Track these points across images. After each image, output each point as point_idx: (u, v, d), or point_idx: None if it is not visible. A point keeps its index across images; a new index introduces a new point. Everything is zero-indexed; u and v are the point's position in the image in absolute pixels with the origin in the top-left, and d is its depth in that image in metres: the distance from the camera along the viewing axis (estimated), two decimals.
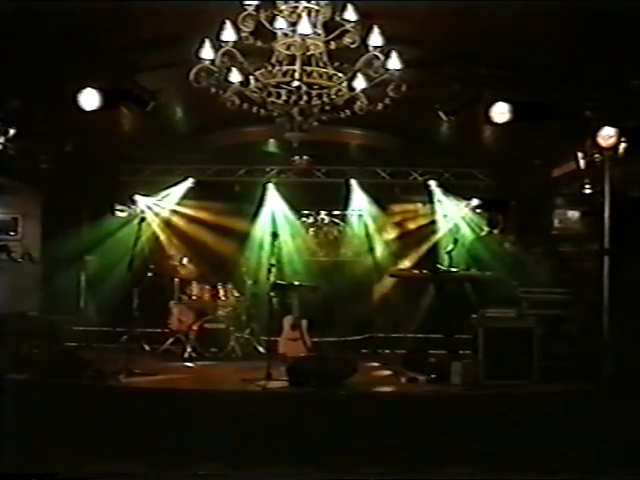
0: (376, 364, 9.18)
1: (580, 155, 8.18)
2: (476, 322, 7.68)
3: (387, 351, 10.42)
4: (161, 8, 6.08)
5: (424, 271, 8.96)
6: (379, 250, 11.50)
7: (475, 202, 11.37)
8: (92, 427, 6.43)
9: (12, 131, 7.71)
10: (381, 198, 11.56)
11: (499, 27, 6.28)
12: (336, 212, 11.85)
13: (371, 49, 5.36)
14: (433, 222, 11.56)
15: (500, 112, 7.37)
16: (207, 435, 6.29)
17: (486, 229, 9.49)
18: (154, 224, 11.59)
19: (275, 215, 11.55)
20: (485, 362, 7.41)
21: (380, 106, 5.71)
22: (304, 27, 5.25)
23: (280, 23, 5.39)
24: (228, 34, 5.31)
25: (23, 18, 5.86)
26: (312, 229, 11.86)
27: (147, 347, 9.99)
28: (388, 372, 8.60)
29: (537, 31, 6.35)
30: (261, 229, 11.33)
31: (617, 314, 7.49)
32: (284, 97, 5.64)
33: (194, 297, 10.30)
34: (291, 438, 6.27)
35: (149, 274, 10.15)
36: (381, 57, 5.38)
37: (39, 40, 6.38)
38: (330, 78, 5.61)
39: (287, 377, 7.31)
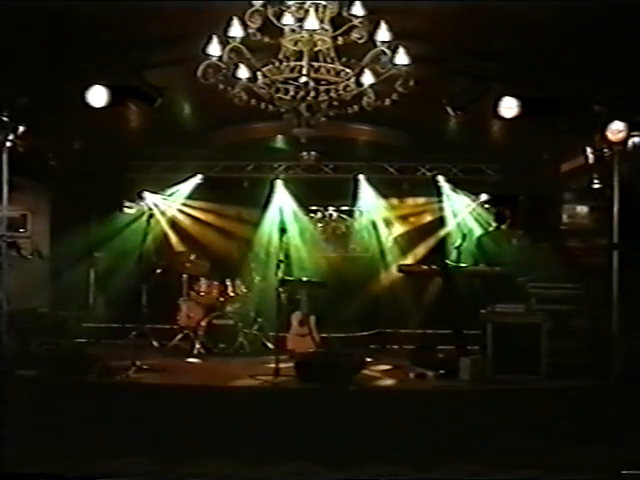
0: (385, 360, 9.15)
1: (589, 150, 8.15)
2: (485, 317, 7.66)
3: (395, 347, 10.41)
4: (168, 4, 6.08)
5: (432, 266, 8.93)
6: (387, 246, 11.51)
7: (483, 197, 11.38)
8: (100, 423, 6.44)
9: (21, 128, 7.73)
10: (389, 194, 11.58)
11: (507, 22, 6.26)
12: (344, 208, 11.87)
13: (379, 44, 5.34)
14: (441, 217, 11.59)
15: (508, 107, 7.35)
16: (214, 431, 6.30)
17: (494, 224, 9.44)
18: (162, 221, 11.63)
19: (283, 211, 11.56)
20: (494, 358, 7.39)
21: (388, 102, 5.70)
22: (311, 23, 5.24)
23: (287, 19, 5.39)
24: (235, 30, 5.31)
25: (29, 16, 5.87)
26: (320, 225, 11.87)
27: (156, 343, 10.03)
28: (397, 368, 8.57)
29: (545, 25, 6.32)
30: (269, 225, 11.35)
31: (626, 309, 7.45)
32: (292, 93, 5.64)
33: (202, 293, 10.32)
34: (299, 434, 6.27)
35: (158, 270, 10.18)
36: (388, 52, 5.36)
37: (46, 38, 6.39)
38: (338, 74, 5.60)
39: (295, 373, 7.31)
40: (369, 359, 8.13)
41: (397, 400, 6.99)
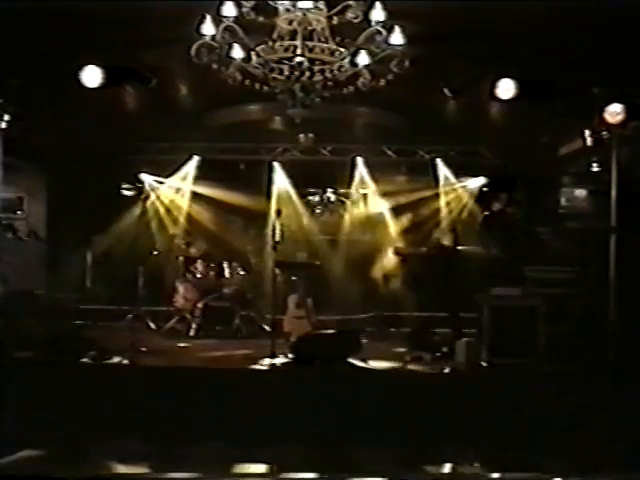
0: (381, 342, 9.17)
1: (587, 132, 8.11)
2: (481, 300, 7.65)
3: (392, 329, 10.42)
4: None
5: (429, 249, 8.92)
6: (384, 228, 11.50)
7: (481, 180, 11.35)
8: (96, 406, 6.44)
9: (16, 110, 7.69)
10: (387, 176, 11.54)
11: (505, 3, 6.20)
12: (342, 190, 11.84)
13: (373, 24, 5.30)
14: (439, 200, 11.56)
15: (506, 89, 7.31)
16: (210, 413, 6.30)
17: (492, 207, 9.42)
18: (159, 202, 11.62)
19: (280, 193, 11.54)
20: (490, 340, 7.39)
21: (383, 82, 5.66)
22: (306, 2, 5.20)
23: None
24: (229, 9, 5.26)
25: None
26: (318, 207, 11.86)
27: (153, 325, 10.03)
28: (393, 350, 8.59)
29: (544, 7, 6.26)
30: (266, 207, 11.32)
31: (624, 293, 7.44)
32: (286, 73, 5.61)
33: (199, 275, 10.32)
34: (295, 416, 6.28)
35: (155, 252, 10.18)
36: (383, 32, 5.32)
37: (40, 18, 6.33)
38: (332, 54, 5.58)
39: (292, 355, 7.31)
40: (365, 341, 8.12)
41: (392, 382, 6.98)
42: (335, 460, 5.59)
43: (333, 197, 11.84)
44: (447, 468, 5.64)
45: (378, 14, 5.25)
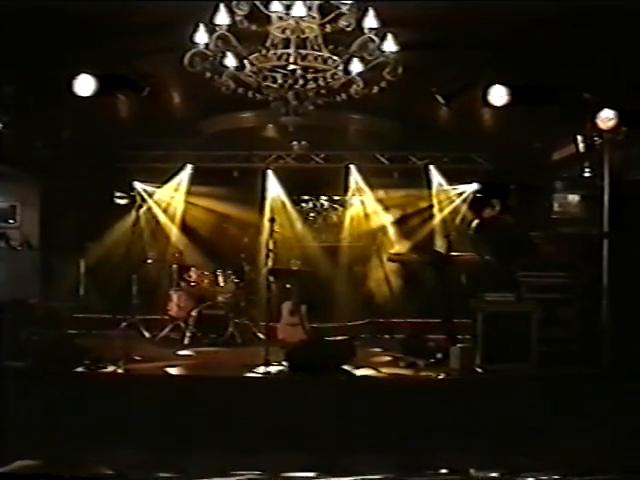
0: (375, 349, 9.16)
1: (580, 138, 8.15)
2: (475, 306, 7.66)
3: (387, 336, 10.42)
4: None
5: (423, 255, 8.94)
6: (378, 235, 11.52)
7: (474, 186, 11.38)
8: (90, 415, 6.42)
9: (9, 118, 7.68)
10: (380, 183, 11.56)
11: (497, 9, 6.23)
12: (335, 197, 11.87)
13: (366, 32, 5.32)
14: (432, 206, 11.60)
15: (498, 95, 7.34)
16: (205, 421, 6.29)
17: (485, 213, 9.43)
18: (153, 211, 11.62)
19: (274, 200, 11.57)
20: (484, 346, 7.39)
21: (376, 89, 5.68)
22: (299, 10, 5.21)
23: (275, 6, 5.35)
24: (222, 18, 5.27)
25: (17, 5, 5.82)
26: (311, 214, 11.89)
27: (146, 334, 10.00)
28: (387, 357, 8.59)
29: (536, 13, 6.29)
30: (259, 215, 11.33)
31: (617, 298, 7.46)
32: (279, 81, 5.62)
33: (193, 283, 10.29)
34: (290, 424, 6.27)
35: (148, 261, 10.15)
36: (376, 40, 5.34)
37: (33, 26, 6.34)
38: (325, 61, 5.58)
39: (286, 362, 7.30)
40: (360, 348, 8.11)
41: (386, 388, 6.99)
42: (331, 467, 5.61)
43: (326, 204, 11.88)
44: (442, 473, 5.64)
45: (371, 22, 5.27)
